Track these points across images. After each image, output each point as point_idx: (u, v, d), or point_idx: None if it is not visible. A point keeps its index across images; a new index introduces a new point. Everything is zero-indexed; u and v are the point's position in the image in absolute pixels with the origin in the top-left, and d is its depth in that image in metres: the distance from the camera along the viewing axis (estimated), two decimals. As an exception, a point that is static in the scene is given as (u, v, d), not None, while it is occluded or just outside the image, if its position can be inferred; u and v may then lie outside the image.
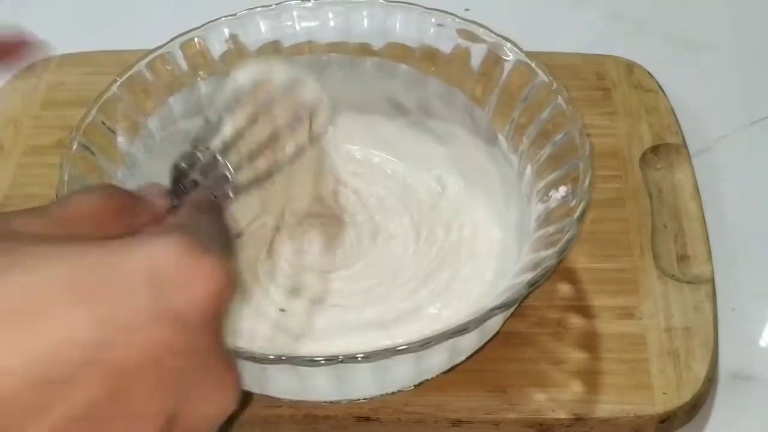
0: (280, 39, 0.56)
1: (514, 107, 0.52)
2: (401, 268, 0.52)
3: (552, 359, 0.49)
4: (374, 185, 0.56)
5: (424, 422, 0.47)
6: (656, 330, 0.50)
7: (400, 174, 0.57)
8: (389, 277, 0.52)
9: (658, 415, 0.47)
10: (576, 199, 0.46)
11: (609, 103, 0.61)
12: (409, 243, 0.53)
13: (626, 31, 0.72)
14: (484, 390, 0.48)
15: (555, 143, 0.49)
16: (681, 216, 0.55)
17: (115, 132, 0.51)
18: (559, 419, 0.47)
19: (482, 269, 0.51)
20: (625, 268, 0.52)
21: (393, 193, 0.56)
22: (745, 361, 0.53)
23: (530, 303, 0.50)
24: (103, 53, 0.65)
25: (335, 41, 0.56)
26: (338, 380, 0.45)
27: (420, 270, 0.52)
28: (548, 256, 0.44)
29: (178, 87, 0.54)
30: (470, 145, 0.55)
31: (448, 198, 0.55)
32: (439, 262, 0.52)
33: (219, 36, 0.55)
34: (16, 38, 0.42)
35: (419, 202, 0.55)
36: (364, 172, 0.57)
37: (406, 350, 0.42)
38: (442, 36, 0.55)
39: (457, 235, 0.53)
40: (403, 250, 0.53)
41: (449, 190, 0.56)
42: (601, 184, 0.55)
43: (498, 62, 0.53)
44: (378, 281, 0.52)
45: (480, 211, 0.54)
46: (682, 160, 0.58)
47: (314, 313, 0.50)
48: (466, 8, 0.66)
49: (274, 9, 0.56)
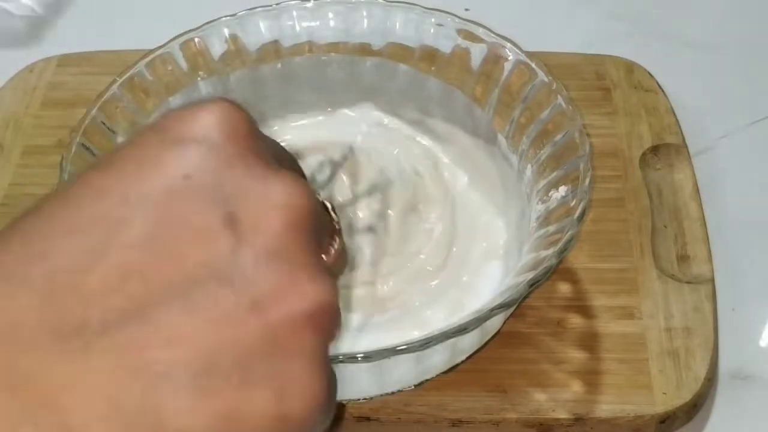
0: (280, 39, 0.56)
1: (514, 107, 0.52)
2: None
3: (552, 359, 0.49)
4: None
5: (424, 422, 0.47)
6: (656, 330, 0.50)
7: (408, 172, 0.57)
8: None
9: (658, 415, 0.47)
10: (576, 199, 0.46)
11: (609, 103, 0.61)
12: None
13: (626, 31, 0.72)
14: (484, 390, 0.48)
15: (555, 143, 0.49)
16: (681, 216, 0.55)
17: (115, 132, 0.51)
18: (559, 419, 0.47)
19: (492, 268, 0.52)
20: (625, 268, 0.52)
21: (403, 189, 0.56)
22: (745, 361, 0.53)
23: (530, 303, 0.50)
24: (103, 53, 0.65)
25: (335, 41, 0.56)
26: (338, 380, 0.44)
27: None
28: (548, 256, 0.44)
29: (178, 87, 0.54)
30: (470, 145, 0.55)
31: (454, 196, 0.55)
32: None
33: (219, 36, 0.55)
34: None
35: (427, 197, 0.55)
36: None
37: (406, 350, 0.42)
38: (442, 36, 0.55)
39: (466, 233, 0.54)
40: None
41: (456, 188, 0.56)
42: (601, 184, 0.55)
43: (498, 62, 0.53)
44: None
45: (486, 210, 0.54)
46: (682, 160, 0.58)
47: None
48: (466, 8, 0.66)
49: (274, 9, 0.56)
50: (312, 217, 0.27)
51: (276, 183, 0.26)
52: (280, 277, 0.25)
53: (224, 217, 0.25)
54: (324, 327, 0.26)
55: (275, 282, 0.25)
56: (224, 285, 0.24)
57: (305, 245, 0.26)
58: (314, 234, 0.27)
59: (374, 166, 0.54)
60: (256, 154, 0.27)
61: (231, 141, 0.27)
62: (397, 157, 0.56)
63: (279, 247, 0.25)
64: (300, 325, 0.25)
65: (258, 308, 0.24)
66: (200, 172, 0.26)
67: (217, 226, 0.25)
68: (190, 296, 0.24)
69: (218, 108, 0.27)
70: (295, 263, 0.26)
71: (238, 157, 0.26)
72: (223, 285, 0.24)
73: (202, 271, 0.24)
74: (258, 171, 0.26)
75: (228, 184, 0.26)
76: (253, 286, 0.25)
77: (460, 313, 0.45)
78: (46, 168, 0.56)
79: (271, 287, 0.25)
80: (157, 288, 0.24)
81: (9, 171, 0.58)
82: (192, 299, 0.24)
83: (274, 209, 0.26)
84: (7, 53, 0.70)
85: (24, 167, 0.59)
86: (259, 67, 0.56)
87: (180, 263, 0.24)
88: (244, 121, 0.27)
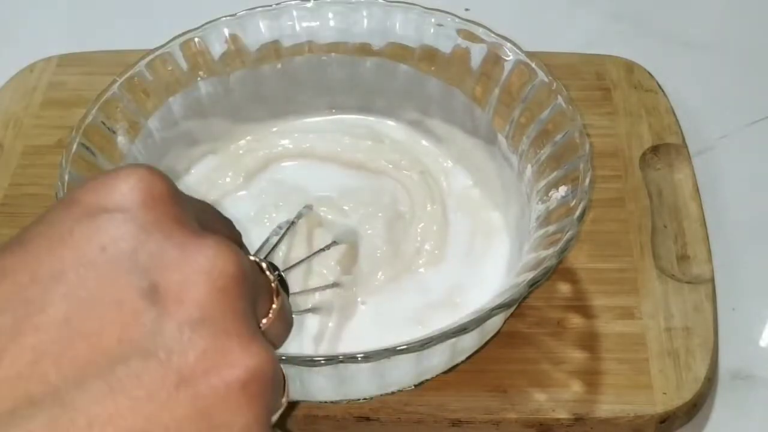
0: (280, 39, 0.56)
1: (514, 107, 0.52)
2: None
3: (552, 359, 0.49)
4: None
5: (424, 422, 0.47)
6: (656, 330, 0.50)
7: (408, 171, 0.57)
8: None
9: (658, 415, 0.47)
10: (576, 199, 0.46)
11: (609, 103, 0.61)
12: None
13: (626, 31, 0.72)
14: (484, 390, 0.48)
15: (555, 143, 0.49)
16: (681, 216, 0.55)
17: (115, 132, 0.51)
18: (559, 419, 0.47)
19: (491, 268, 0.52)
20: (625, 268, 0.52)
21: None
22: (745, 361, 0.53)
23: (530, 303, 0.50)
24: (103, 53, 0.65)
25: (335, 41, 0.56)
26: (338, 380, 0.45)
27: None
28: (548, 256, 0.44)
29: (178, 87, 0.54)
30: (470, 145, 0.55)
31: (455, 195, 0.56)
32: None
33: (219, 36, 0.55)
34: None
35: (433, 197, 0.55)
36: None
37: (406, 350, 0.41)
38: (442, 36, 0.55)
39: (466, 233, 0.54)
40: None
41: (456, 189, 0.56)
42: (601, 184, 0.55)
43: (498, 62, 0.53)
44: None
45: (486, 210, 0.54)
46: (682, 160, 0.58)
47: (345, 311, 0.50)
48: (466, 8, 0.66)
49: (274, 9, 0.55)
50: (241, 281, 0.25)
51: (198, 248, 0.25)
52: (207, 346, 0.24)
53: (143, 288, 0.24)
54: (261, 395, 0.25)
55: (202, 352, 0.24)
56: (148, 360, 0.23)
57: (235, 311, 0.25)
58: (246, 298, 0.25)
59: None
60: (176, 219, 0.26)
61: (147, 208, 0.25)
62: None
63: (205, 316, 0.24)
64: (234, 395, 0.24)
65: (186, 382, 0.23)
66: (115, 243, 0.24)
67: (135, 299, 0.24)
68: (111, 375, 0.23)
69: (132, 175, 0.26)
70: (223, 331, 0.24)
71: (154, 224, 0.25)
72: (147, 360, 0.23)
73: (122, 347, 0.23)
74: (177, 237, 0.25)
75: (145, 253, 0.24)
76: (179, 358, 0.23)
77: (460, 313, 0.45)
78: (46, 168, 0.56)
79: (198, 358, 0.24)
80: (74, 369, 0.22)
81: (9, 171, 0.58)
82: (114, 378, 0.23)
83: (197, 275, 0.24)
84: (7, 53, 0.70)
85: (24, 167, 0.59)
86: (259, 67, 0.56)
87: (98, 341, 0.23)
88: (161, 186, 0.26)
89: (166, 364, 0.23)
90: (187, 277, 0.24)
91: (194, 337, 0.24)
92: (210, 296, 0.24)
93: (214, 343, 0.24)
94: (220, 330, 0.24)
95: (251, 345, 0.25)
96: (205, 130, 0.56)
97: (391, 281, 0.52)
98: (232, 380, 0.24)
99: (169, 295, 0.24)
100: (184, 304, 0.24)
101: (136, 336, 0.23)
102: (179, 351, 0.23)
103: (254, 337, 0.25)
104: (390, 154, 0.57)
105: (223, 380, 0.24)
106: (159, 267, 0.24)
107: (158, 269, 0.24)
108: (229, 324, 0.24)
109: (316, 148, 0.58)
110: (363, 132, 0.58)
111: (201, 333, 0.24)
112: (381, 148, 0.57)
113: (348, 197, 0.55)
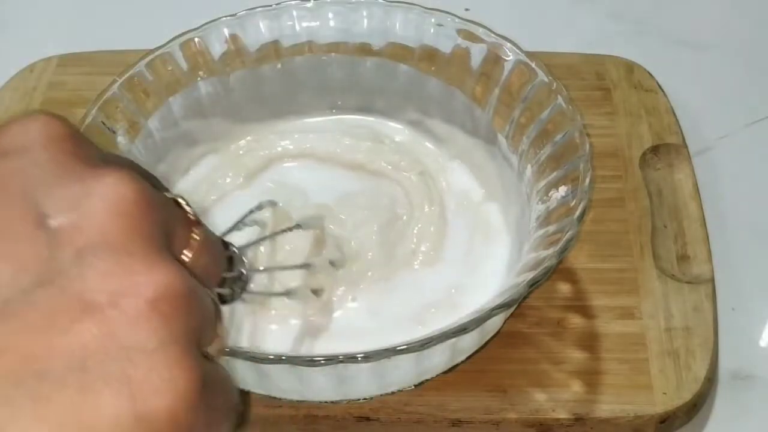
0: (280, 39, 0.56)
1: (514, 107, 0.52)
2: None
3: (552, 359, 0.49)
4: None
5: (424, 422, 0.47)
6: (656, 330, 0.50)
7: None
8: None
9: (658, 415, 0.47)
10: (576, 199, 0.46)
11: (609, 103, 0.61)
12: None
13: (626, 31, 0.72)
14: (484, 390, 0.48)
15: (555, 143, 0.49)
16: (681, 216, 0.55)
17: (115, 132, 0.51)
18: (559, 419, 0.47)
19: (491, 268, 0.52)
20: (625, 268, 0.52)
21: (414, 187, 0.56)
22: (745, 361, 0.53)
23: (530, 303, 0.50)
24: (103, 53, 0.65)
25: (335, 41, 0.56)
26: (338, 380, 0.45)
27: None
28: (548, 256, 0.44)
29: (178, 87, 0.54)
30: (470, 145, 0.55)
31: (455, 195, 0.55)
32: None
33: (219, 36, 0.55)
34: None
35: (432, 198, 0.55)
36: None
37: (406, 350, 0.41)
38: (442, 36, 0.55)
39: (465, 233, 0.54)
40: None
41: (456, 189, 0.56)
42: (601, 184, 0.55)
43: (498, 62, 0.53)
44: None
45: (486, 210, 0.55)
46: (682, 160, 0.58)
47: (338, 311, 0.50)
48: (466, 8, 0.66)
49: (274, 9, 0.56)
50: (144, 206, 0.25)
51: (98, 178, 0.25)
52: (109, 269, 0.24)
53: (39, 219, 0.24)
54: (174, 314, 0.24)
55: (103, 275, 0.23)
56: (47, 288, 0.23)
57: (140, 234, 0.25)
58: (152, 223, 0.25)
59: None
60: (75, 155, 0.26)
61: (46, 147, 0.25)
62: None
63: (106, 240, 0.24)
64: (144, 316, 0.23)
65: (90, 306, 0.23)
66: (12, 179, 0.24)
67: (31, 230, 0.24)
68: (8, 305, 0.23)
69: (31, 119, 0.26)
70: (126, 252, 0.24)
71: (52, 161, 0.25)
72: (47, 288, 0.23)
73: (19, 277, 0.23)
74: (77, 170, 0.25)
75: (43, 187, 0.24)
76: (80, 283, 0.23)
77: (460, 313, 0.45)
78: (46, 168, 0.56)
79: (100, 282, 0.23)
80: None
81: (9, 171, 0.58)
82: (12, 308, 0.23)
83: (97, 202, 0.24)
84: (7, 53, 0.70)
85: (24, 167, 0.58)
86: (259, 67, 0.56)
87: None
88: (59, 127, 0.26)
89: (67, 291, 0.23)
90: (86, 205, 0.24)
91: (94, 261, 0.23)
92: (110, 221, 0.24)
93: (116, 265, 0.24)
94: (123, 252, 0.24)
95: (158, 264, 0.24)
96: (205, 130, 0.56)
97: (383, 280, 0.51)
98: (139, 300, 0.23)
99: (67, 223, 0.24)
100: (83, 230, 0.24)
101: (33, 266, 0.23)
102: (79, 276, 0.23)
103: (161, 256, 0.25)
104: (389, 155, 0.57)
105: (130, 301, 0.23)
106: (57, 197, 0.24)
107: (55, 199, 0.24)
108: (132, 246, 0.24)
109: (316, 149, 0.58)
110: (363, 132, 0.58)
111: (101, 256, 0.24)
112: (381, 149, 0.57)
113: (345, 201, 0.55)
